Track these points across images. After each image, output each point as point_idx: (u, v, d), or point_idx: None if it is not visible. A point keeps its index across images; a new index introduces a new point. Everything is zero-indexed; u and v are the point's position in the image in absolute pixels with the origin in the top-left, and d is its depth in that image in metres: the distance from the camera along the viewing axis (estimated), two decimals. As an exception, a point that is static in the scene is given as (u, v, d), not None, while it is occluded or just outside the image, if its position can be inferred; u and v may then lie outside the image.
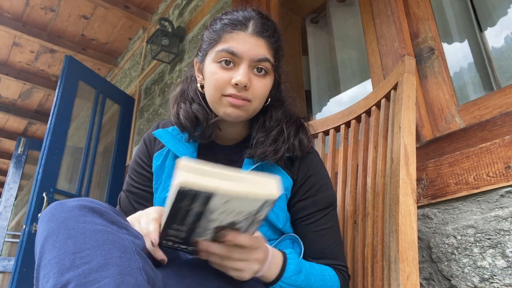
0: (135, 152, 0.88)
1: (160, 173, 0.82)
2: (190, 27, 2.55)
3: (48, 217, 0.53)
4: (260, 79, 0.74)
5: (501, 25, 1.27)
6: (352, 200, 0.97)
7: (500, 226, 0.84)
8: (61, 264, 0.47)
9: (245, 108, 0.73)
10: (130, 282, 0.46)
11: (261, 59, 0.72)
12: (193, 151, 0.80)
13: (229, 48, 0.72)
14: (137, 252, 0.51)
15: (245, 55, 0.72)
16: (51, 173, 2.34)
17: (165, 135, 0.81)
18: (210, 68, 0.74)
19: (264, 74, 0.74)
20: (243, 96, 0.71)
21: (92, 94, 2.82)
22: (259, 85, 0.73)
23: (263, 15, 0.76)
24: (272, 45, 0.75)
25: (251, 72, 0.73)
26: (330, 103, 2.11)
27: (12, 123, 4.69)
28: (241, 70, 0.71)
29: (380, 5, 1.37)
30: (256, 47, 0.72)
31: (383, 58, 1.30)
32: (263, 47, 0.73)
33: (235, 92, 0.71)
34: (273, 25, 0.77)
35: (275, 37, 0.76)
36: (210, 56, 0.75)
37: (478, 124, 0.95)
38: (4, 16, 3.07)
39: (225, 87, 0.72)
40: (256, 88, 0.73)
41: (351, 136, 1.06)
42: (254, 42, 0.73)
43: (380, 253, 0.81)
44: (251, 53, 0.72)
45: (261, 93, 0.74)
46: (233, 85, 0.71)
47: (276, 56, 0.77)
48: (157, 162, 0.82)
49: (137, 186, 0.85)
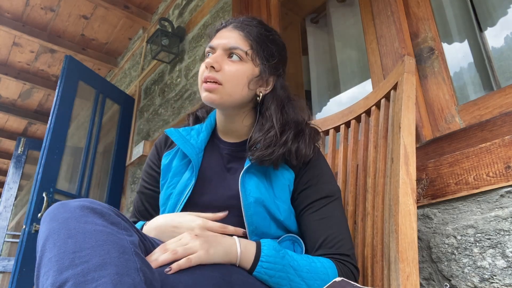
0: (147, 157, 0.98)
1: (167, 171, 0.87)
2: (190, 27, 2.55)
3: (50, 217, 0.54)
4: (232, 63, 0.80)
5: (501, 25, 1.27)
6: (352, 200, 0.97)
7: (500, 226, 0.84)
8: (60, 263, 0.48)
9: (217, 91, 0.78)
10: (127, 282, 0.47)
11: (232, 47, 0.81)
12: (199, 151, 0.86)
13: (210, 44, 0.84)
14: (135, 253, 0.52)
15: (218, 45, 0.82)
16: (51, 173, 2.34)
17: (175, 134, 0.88)
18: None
19: (237, 60, 0.81)
20: (212, 76, 0.78)
21: (92, 94, 2.82)
22: (230, 68, 0.80)
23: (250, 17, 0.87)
24: (248, 36, 0.82)
25: (224, 58, 0.81)
26: (330, 103, 2.11)
27: (12, 123, 4.69)
28: (212, 55, 0.81)
29: (380, 5, 1.37)
30: (228, 38, 0.82)
31: (383, 58, 1.30)
32: (235, 37, 0.82)
33: (207, 74, 0.79)
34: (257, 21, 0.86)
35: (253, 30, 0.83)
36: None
37: (478, 124, 0.95)
38: (4, 16, 3.07)
39: (203, 74, 0.80)
40: (227, 71, 0.79)
41: (351, 136, 1.06)
42: (228, 34, 0.83)
43: (380, 253, 0.81)
44: (223, 43, 0.81)
45: (232, 76, 0.79)
46: (205, 69, 0.79)
47: (252, 45, 0.82)
48: (165, 161, 0.88)
49: (148, 187, 0.92)
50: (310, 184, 0.80)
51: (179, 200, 0.81)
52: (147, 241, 0.65)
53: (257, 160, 0.77)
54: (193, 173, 0.82)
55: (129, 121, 3.02)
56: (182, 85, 2.44)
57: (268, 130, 0.80)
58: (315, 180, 0.81)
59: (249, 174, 0.79)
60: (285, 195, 0.79)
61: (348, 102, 1.91)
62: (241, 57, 0.80)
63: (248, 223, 0.76)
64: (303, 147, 0.80)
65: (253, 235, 0.77)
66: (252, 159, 0.78)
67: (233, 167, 0.84)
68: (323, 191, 0.79)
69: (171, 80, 2.62)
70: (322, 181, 0.81)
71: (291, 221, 0.79)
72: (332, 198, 0.79)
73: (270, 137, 0.78)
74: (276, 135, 0.79)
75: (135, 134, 2.94)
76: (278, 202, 0.78)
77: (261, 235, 0.77)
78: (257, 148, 0.78)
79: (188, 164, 0.85)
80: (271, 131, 0.79)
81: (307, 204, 0.79)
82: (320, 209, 0.78)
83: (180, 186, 0.82)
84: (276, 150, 0.77)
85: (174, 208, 0.81)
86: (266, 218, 0.76)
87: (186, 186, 0.81)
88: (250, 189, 0.77)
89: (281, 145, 0.78)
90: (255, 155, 0.77)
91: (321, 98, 2.15)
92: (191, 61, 2.42)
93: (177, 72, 2.56)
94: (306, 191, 0.80)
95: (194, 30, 2.49)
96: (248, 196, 0.76)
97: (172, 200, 0.82)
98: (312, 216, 0.78)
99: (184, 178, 0.83)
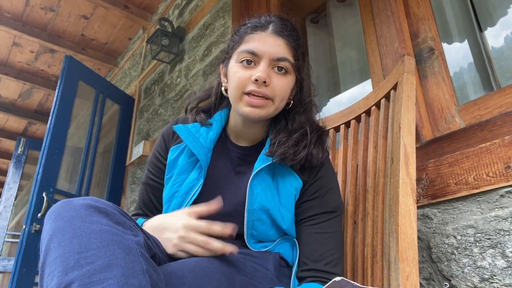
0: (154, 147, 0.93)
1: (172, 166, 0.84)
2: (190, 27, 2.55)
3: (55, 215, 0.54)
4: (280, 77, 0.76)
5: (501, 25, 1.26)
6: (352, 200, 0.97)
7: (500, 226, 0.84)
8: (66, 263, 0.47)
9: (265, 107, 0.75)
10: (134, 284, 0.46)
11: (280, 58, 0.75)
12: (208, 150, 0.82)
13: (249, 48, 0.75)
14: (141, 253, 0.51)
15: (265, 53, 0.75)
16: (51, 173, 2.34)
17: (184, 131, 0.83)
18: (233, 69, 0.78)
19: (284, 72, 0.76)
20: (263, 92, 0.73)
21: (92, 94, 2.82)
22: (279, 83, 0.75)
23: (283, 18, 0.80)
24: (291, 44, 0.77)
25: (271, 70, 0.75)
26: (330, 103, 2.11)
27: (12, 123, 4.69)
28: (260, 67, 0.74)
29: (380, 5, 1.37)
30: (275, 46, 0.75)
31: (383, 58, 1.30)
32: (281, 46, 0.76)
33: (255, 88, 0.73)
34: (292, 26, 0.80)
35: (294, 36, 0.78)
36: (234, 58, 0.79)
37: (478, 124, 0.95)
38: (4, 16, 3.07)
39: (246, 85, 0.74)
40: (277, 86, 0.75)
41: (351, 136, 1.06)
42: (273, 41, 0.76)
43: (380, 253, 0.81)
44: (270, 52, 0.75)
45: (281, 90, 0.76)
46: (253, 82, 0.73)
47: (296, 55, 0.78)
48: (172, 155, 0.85)
49: (154, 179, 0.89)
50: (317, 196, 0.79)
51: (185, 200, 0.79)
52: (151, 240, 0.65)
53: (280, 156, 0.75)
54: (201, 173, 0.80)
55: (129, 121, 3.01)
56: (182, 85, 2.44)
57: (294, 131, 0.79)
58: (322, 192, 0.79)
59: (258, 179, 0.77)
60: (290, 204, 0.78)
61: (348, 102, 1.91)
62: (287, 69, 0.76)
63: (247, 227, 0.75)
64: (320, 151, 0.79)
65: (251, 238, 0.77)
66: (274, 155, 0.76)
67: (241, 171, 0.82)
68: (329, 205, 0.78)
69: (171, 80, 2.62)
70: (329, 193, 0.79)
71: (293, 229, 0.79)
72: (335, 214, 0.78)
73: (296, 137, 0.77)
74: (302, 135, 0.78)
75: (135, 134, 2.94)
76: (282, 211, 0.77)
77: (259, 239, 0.77)
78: (281, 146, 0.76)
79: (195, 163, 0.82)
80: (297, 131, 0.79)
81: (310, 216, 0.78)
82: (321, 223, 0.77)
83: (186, 185, 0.80)
84: (300, 150, 0.76)
85: (178, 208, 0.79)
86: (269, 224, 0.76)
87: (193, 187, 0.79)
88: (257, 193, 0.76)
89: (305, 146, 0.77)
90: (278, 151, 0.75)
91: (321, 98, 2.14)
92: (191, 61, 2.42)
93: (177, 72, 2.56)
94: (311, 202, 0.79)
95: (194, 30, 2.49)
96: (254, 202, 0.75)
97: (177, 200, 0.80)
98: (312, 229, 0.77)
99: (191, 178, 0.80)
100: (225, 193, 0.79)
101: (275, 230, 0.77)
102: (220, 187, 0.81)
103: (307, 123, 0.81)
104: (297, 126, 0.80)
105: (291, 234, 0.78)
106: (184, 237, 0.66)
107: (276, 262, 0.76)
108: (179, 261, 0.63)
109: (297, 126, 0.80)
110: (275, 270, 0.74)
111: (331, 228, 0.77)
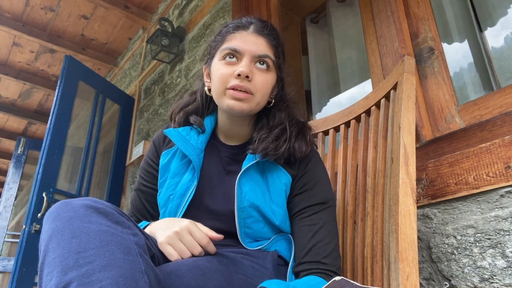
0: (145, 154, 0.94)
1: (165, 170, 0.85)
2: (190, 27, 2.55)
3: (54, 215, 0.54)
4: (262, 73, 0.78)
5: (501, 25, 1.26)
6: (352, 200, 0.97)
7: (500, 226, 0.84)
8: (64, 263, 0.47)
9: (248, 101, 0.76)
10: (132, 284, 0.47)
11: (261, 55, 0.77)
12: (200, 151, 0.83)
13: (232, 46, 0.78)
14: (140, 254, 0.51)
15: (247, 51, 0.77)
16: (51, 173, 2.34)
17: (175, 134, 0.84)
18: (216, 67, 0.80)
19: (266, 68, 0.78)
20: (246, 86, 0.75)
21: (92, 94, 2.82)
22: (261, 78, 0.77)
23: (262, 19, 0.83)
24: (271, 42, 0.80)
25: (253, 66, 0.77)
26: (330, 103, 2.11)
27: (12, 123, 4.69)
28: (243, 63, 0.76)
29: (380, 5, 1.37)
30: (256, 44, 0.78)
31: (383, 58, 1.30)
32: (263, 44, 0.79)
33: (238, 83, 0.75)
34: (271, 26, 0.83)
35: (273, 35, 0.81)
36: (216, 56, 0.81)
37: (478, 124, 0.95)
38: (4, 16, 3.07)
39: (228, 80, 0.76)
40: (258, 81, 0.77)
41: (351, 136, 1.06)
42: (254, 39, 0.78)
43: (379, 253, 0.81)
44: (252, 49, 0.77)
45: (263, 86, 0.78)
46: (235, 77, 0.75)
47: (276, 53, 0.81)
48: (164, 160, 0.86)
49: (146, 185, 0.90)
50: (306, 189, 0.80)
51: (181, 203, 0.79)
52: (150, 241, 0.65)
53: (262, 152, 0.77)
54: (194, 175, 0.81)
55: (129, 121, 3.01)
56: (182, 85, 2.44)
57: (274, 127, 0.81)
58: (311, 185, 0.80)
59: (246, 177, 0.78)
60: (281, 200, 0.79)
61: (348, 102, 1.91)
62: (268, 65, 0.79)
63: (240, 226, 0.76)
64: (303, 144, 0.80)
65: (246, 237, 0.77)
66: (256, 152, 0.77)
67: (232, 170, 0.84)
68: (318, 197, 0.79)
69: (171, 80, 2.62)
70: (318, 187, 0.80)
71: (287, 225, 0.79)
72: (326, 205, 0.79)
73: (276, 133, 0.79)
74: (282, 131, 0.80)
75: (135, 134, 2.94)
76: (273, 207, 0.77)
77: (254, 237, 0.77)
78: (261, 142, 0.78)
79: (188, 165, 0.83)
80: (277, 127, 0.80)
81: (301, 209, 0.78)
82: (312, 215, 0.77)
83: (181, 188, 0.80)
84: (280, 144, 0.78)
85: (176, 210, 0.80)
86: (261, 222, 0.76)
87: (188, 188, 0.80)
88: (246, 191, 0.77)
89: (285, 140, 0.78)
90: (260, 147, 0.77)
91: (321, 98, 2.14)
92: (191, 61, 2.42)
93: (177, 72, 2.56)
94: (301, 195, 0.80)
95: (194, 30, 2.49)
96: (243, 200, 0.76)
97: (174, 202, 0.80)
98: (304, 221, 0.77)
99: (185, 180, 0.81)
100: (217, 193, 0.81)
101: (269, 227, 0.78)
102: (212, 187, 0.82)
103: (287, 119, 0.82)
104: (277, 122, 0.82)
105: (285, 230, 0.79)
106: (178, 233, 0.67)
107: (275, 261, 0.76)
108: (178, 261, 0.63)
109: (277, 122, 0.81)
110: (273, 269, 0.74)
111: (322, 219, 0.77)
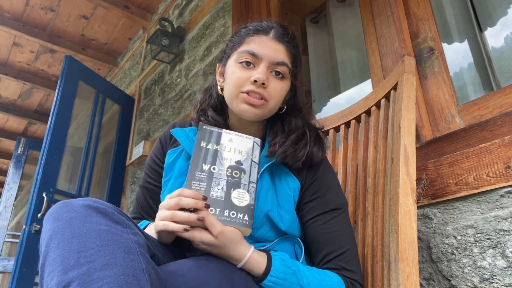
0: (151, 151, 0.94)
1: (170, 169, 0.85)
2: (190, 27, 2.55)
3: (54, 216, 0.54)
4: (277, 81, 0.78)
5: (501, 25, 1.26)
6: (352, 200, 0.97)
7: (500, 226, 0.84)
8: (65, 263, 0.48)
9: (261, 107, 0.76)
10: (133, 282, 0.47)
11: (279, 62, 0.77)
12: None
13: (250, 49, 0.77)
14: (140, 253, 0.52)
15: (265, 56, 0.77)
16: (51, 173, 2.34)
17: (181, 134, 0.85)
18: (232, 69, 0.79)
19: (282, 77, 0.78)
20: (261, 93, 0.75)
21: (92, 94, 2.82)
22: (276, 86, 0.77)
23: (283, 25, 0.82)
24: (291, 50, 0.80)
25: (269, 73, 0.77)
26: (330, 103, 2.11)
27: (12, 123, 4.69)
28: (260, 69, 0.76)
29: (380, 5, 1.37)
30: (275, 50, 0.77)
31: (383, 58, 1.30)
32: (282, 51, 0.78)
33: (253, 89, 0.75)
34: (292, 33, 0.82)
35: (293, 44, 0.81)
36: (233, 57, 0.80)
37: (478, 124, 0.95)
38: (4, 16, 3.07)
39: (244, 84, 0.76)
40: (273, 89, 0.76)
41: (351, 136, 1.06)
42: (274, 46, 0.78)
43: (380, 253, 0.81)
44: (270, 55, 0.77)
45: (277, 94, 0.78)
46: (251, 82, 0.75)
47: (294, 62, 0.81)
48: (169, 159, 0.86)
49: (151, 182, 0.89)
50: (318, 196, 0.79)
51: None
52: (150, 240, 0.65)
53: (281, 156, 0.76)
54: None
55: (129, 121, 3.02)
56: (182, 85, 2.44)
57: (290, 132, 0.80)
58: (323, 192, 0.79)
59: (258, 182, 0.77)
60: (289, 205, 0.78)
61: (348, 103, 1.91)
62: (284, 74, 0.78)
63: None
64: (320, 150, 0.81)
65: (247, 238, 0.76)
66: (275, 155, 0.77)
67: None
68: (331, 203, 0.78)
69: (171, 80, 2.62)
70: (330, 192, 0.80)
71: (295, 229, 0.78)
72: (340, 211, 0.78)
73: (294, 138, 0.79)
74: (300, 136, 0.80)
75: (135, 134, 2.94)
76: (281, 212, 0.77)
77: (257, 239, 0.77)
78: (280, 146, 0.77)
79: None
80: (293, 132, 0.80)
81: (314, 216, 0.78)
82: (328, 222, 0.77)
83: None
84: (299, 148, 0.78)
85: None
86: (267, 226, 0.76)
87: None
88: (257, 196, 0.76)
89: (305, 144, 0.79)
90: (279, 150, 0.76)
91: (321, 98, 2.14)
92: (191, 61, 2.42)
93: (177, 72, 2.56)
94: (312, 203, 0.79)
95: (194, 30, 2.49)
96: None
97: None
98: (320, 229, 0.76)
99: None
100: None
101: (274, 231, 0.77)
102: None
103: (305, 125, 0.82)
104: (294, 127, 0.81)
105: (292, 234, 0.78)
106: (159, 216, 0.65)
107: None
108: (179, 261, 0.63)
109: (294, 128, 0.81)
110: None
111: (339, 226, 0.77)
